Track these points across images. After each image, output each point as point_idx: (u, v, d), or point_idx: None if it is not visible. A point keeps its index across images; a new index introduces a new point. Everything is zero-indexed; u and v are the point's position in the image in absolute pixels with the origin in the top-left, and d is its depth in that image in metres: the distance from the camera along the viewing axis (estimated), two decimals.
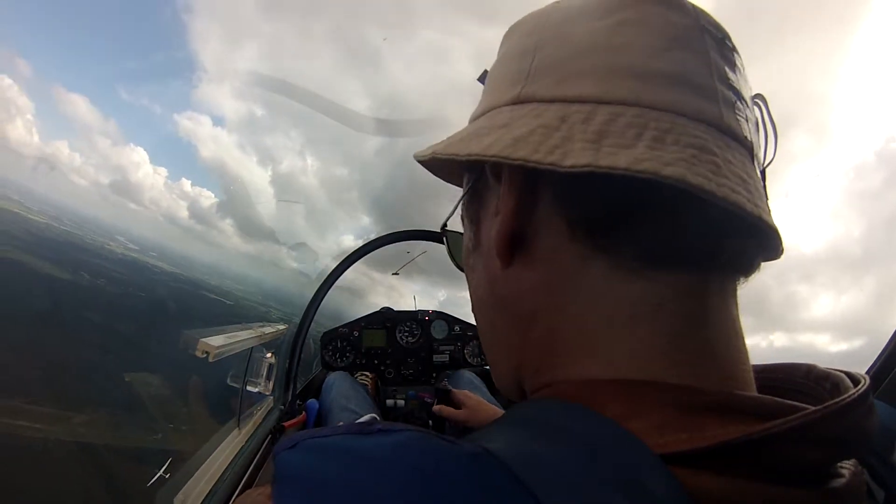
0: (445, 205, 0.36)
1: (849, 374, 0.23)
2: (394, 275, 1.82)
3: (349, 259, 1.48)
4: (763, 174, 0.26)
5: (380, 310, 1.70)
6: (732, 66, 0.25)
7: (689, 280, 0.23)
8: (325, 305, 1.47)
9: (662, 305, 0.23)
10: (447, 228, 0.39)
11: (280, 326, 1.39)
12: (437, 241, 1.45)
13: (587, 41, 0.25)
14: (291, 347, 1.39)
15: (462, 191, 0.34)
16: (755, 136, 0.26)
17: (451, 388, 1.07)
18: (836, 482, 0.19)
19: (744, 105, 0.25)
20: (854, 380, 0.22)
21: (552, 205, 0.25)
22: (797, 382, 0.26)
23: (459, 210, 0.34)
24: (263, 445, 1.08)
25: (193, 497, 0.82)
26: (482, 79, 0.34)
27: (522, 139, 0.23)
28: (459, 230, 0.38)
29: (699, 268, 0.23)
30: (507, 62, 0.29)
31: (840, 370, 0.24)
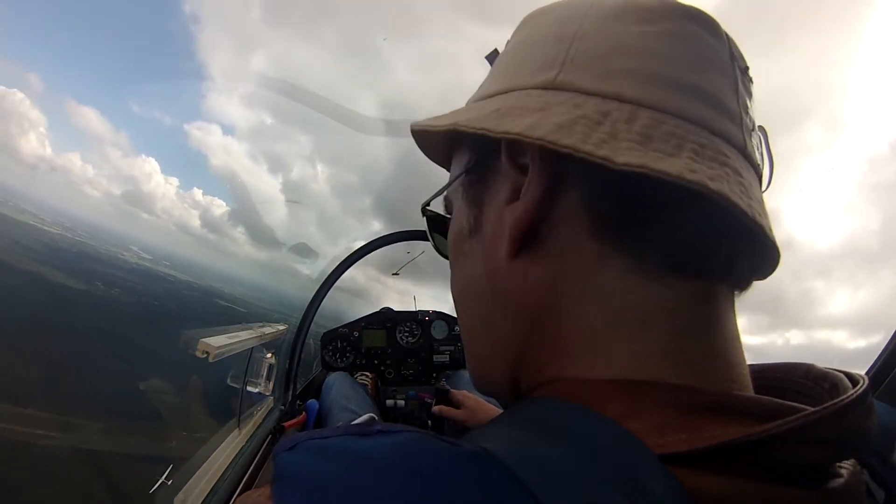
0: None
1: (848, 374, 0.23)
2: (394, 275, 1.83)
3: (349, 259, 1.48)
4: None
5: (380, 310, 1.70)
6: (750, 96, 0.27)
7: (701, 288, 0.24)
8: (325, 305, 1.48)
9: (676, 311, 0.23)
10: (429, 208, 0.37)
11: (280, 327, 1.39)
12: None
13: (630, 43, 0.24)
14: (291, 348, 1.39)
15: (455, 169, 0.33)
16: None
17: (450, 389, 1.07)
18: (836, 482, 0.19)
19: (755, 134, 0.26)
20: (853, 380, 0.22)
21: (579, 199, 0.24)
22: (796, 382, 0.26)
23: (453, 190, 0.32)
24: (263, 446, 1.08)
25: (194, 497, 0.82)
26: (491, 57, 0.33)
27: (566, 127, 0.22)
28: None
29: (712, 278, 0.24)
30: (537, 45, 0.28)
31: (839, 370, 0.24)
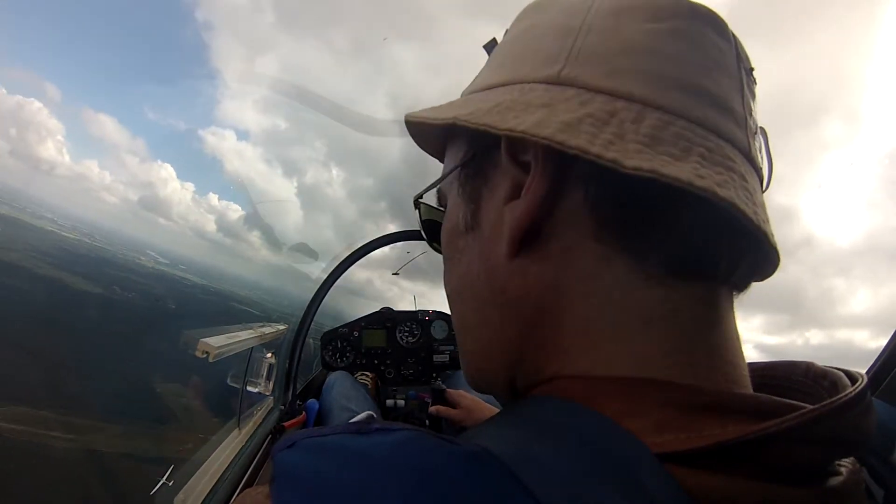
0: None
1: (847, 373, 0.23)
2: (394, 274, 1.83)
3: (349, 259, 1.48)
4: None
5: (380, 310, 1.70)
6: (754, 97, 0.27)
7: (702, 290, 0.24)
8: (325, 305, 1.48)
9: (678, 312, 0.23)
10: (422, 201, 0.36)
11: (280, 326, 1.39)
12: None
13: (637, 40, 0.24)
14: (291, 347, 1.39)
15: (450, 162, 0.32)
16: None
17: (446, 388, 1.07)
18: (834, 480, 0.19)
19: (757, 136, 0.26)
20: (852, 378, 0.22)
21: (583, 199, 0.24)
22: (796, 381, 0.26)
23: (448, 183, 0.31)
24: (263, 445, 1.08)
25: (194, 497, 0.82)
26: (489, 47, 0.32)
27: (573, 126, 0.22)
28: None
29: (714, 281, 0.24)
30: (540, 37, 0.27)
31: (838, 368, 0.24)
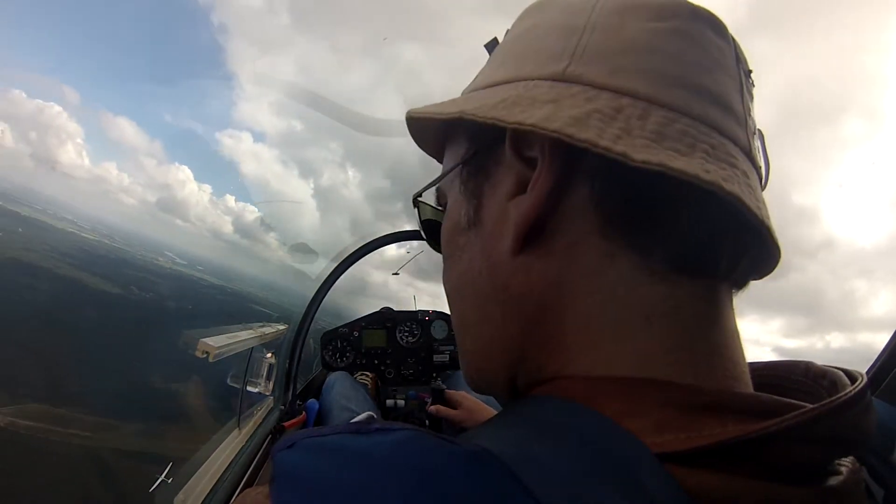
0: None
1: (846, 372, 0.23)
2: (394, 275, 1.83)
3: (349, 259, 1.48)
4: None
5: (380, 310, 1.70)
6: (752, 98, 0.27)
7: (704, 286, 0.24)
8: (325, 305, 1.48)
9: (679, 309, 0.23)
10: (421, 199, 0.35)
11: (280, 326, 1.39)
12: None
13: (641, 39, 0.24)
14: (291, 347, 1.39)
15: (450, 160, 0.32)
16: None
17: (445, 388, 1.07)
18: (835, 480, 0.19)
19: (756, 136, 0.27)
20: (852, 377, 0.22)
21: (589, 195, 0.24)
22: (796, 380, 0.26)
23: (448, 182, 0.32)
24: (263, 446, 1.08)
25: (194, 497, 0.82)
26: (490, 46, 0.32)
27: (581, 120, 0.22)
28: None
29: (715, 277, 0.24)
30: (544, 35, 0.27)
31: (838, 367, 0.24)
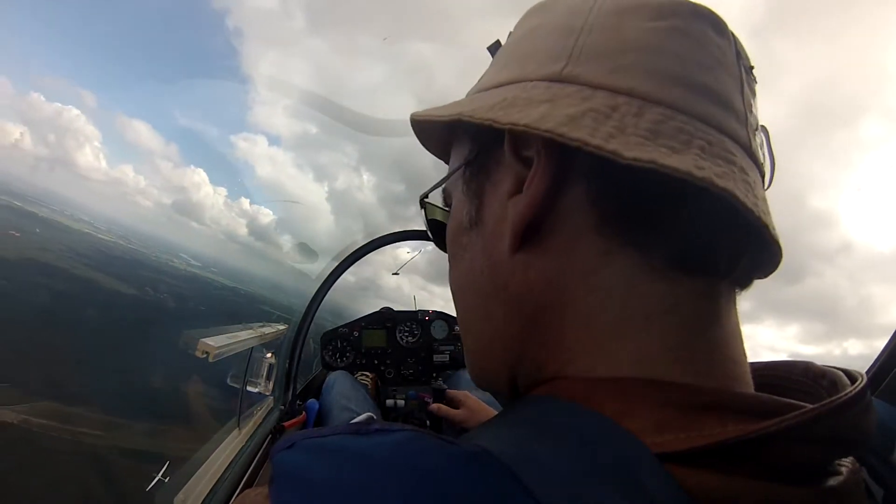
0: None
1: (846, 372, 0.23)
2: (394, 275, 1.83)
3: (349, 259, 1.48)
4: None
5: (380, 310, 1.70)
6: (754, 95, 0.27)
7: (704, 285, 0.24)
8: (325, 305, 1.48)
9: (679, 308, 0.23)
10: (428, 200, 0.36)
11: (280, 326, 1.39)
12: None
13: (640, 38, 0.24)
14: (291, 347, 1.39)
15: (455, 161, 0.32)
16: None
17: (446, 388, 1.07)
18: (834, 480, 0.19)
19: (758, 133, 0.26)
20: (851, 377, 0.22)
21: (585, 193, 0.24)
22: (795, 380, 0.26)
23: (452, 182, 0.32)
24: (263, 446, 1.08)
25: (194, 497, 0.82)
26: (493, 48, 0.33)
27: (575, 119, 0.22)
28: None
29: (715, 275, 0.24)
30: (543, 37, 0.27)
31: (838, 367, 0.24)
